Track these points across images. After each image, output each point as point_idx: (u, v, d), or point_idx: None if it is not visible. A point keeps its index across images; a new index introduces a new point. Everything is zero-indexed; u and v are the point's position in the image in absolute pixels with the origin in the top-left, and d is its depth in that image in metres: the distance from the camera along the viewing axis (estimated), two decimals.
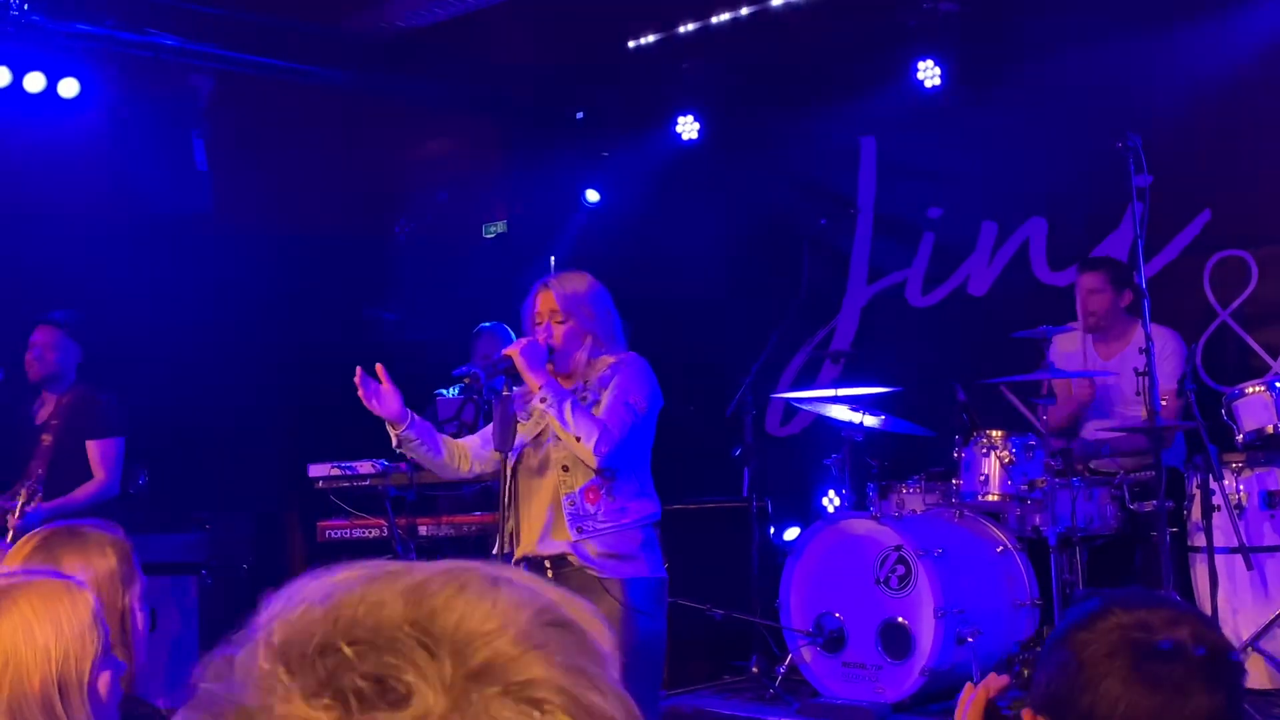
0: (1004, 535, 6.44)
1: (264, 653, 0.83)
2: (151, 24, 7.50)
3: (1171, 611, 1.75)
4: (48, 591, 2.29)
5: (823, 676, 6.40)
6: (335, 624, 0.82)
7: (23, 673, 2.20)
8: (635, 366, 4.42)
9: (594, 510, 4.28)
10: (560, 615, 0.86)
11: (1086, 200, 7.48)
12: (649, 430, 4.45)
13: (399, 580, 0.85)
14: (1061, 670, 1.76)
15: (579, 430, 4.21)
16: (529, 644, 0.82)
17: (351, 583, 0.86)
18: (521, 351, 4.30)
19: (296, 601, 0.85)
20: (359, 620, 0.82)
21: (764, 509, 7.42)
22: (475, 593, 0.84)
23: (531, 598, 0.86)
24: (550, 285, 4.44)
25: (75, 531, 2.93)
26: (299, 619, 0.84)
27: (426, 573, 0.86)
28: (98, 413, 6.60)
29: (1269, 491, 5.99)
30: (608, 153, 9.39)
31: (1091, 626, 1.76)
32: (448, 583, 0.85)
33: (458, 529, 6.68)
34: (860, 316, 8.56)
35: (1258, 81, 7.02)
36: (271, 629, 0.84)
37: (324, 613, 0.84)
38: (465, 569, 0.87)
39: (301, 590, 0.86)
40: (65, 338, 6.66)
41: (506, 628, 0.83)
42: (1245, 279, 7.14)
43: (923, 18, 7.74)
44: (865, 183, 8.55)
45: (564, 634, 0.85)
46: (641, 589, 4.26)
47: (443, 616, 0.82)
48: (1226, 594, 5.95)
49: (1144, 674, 1.70)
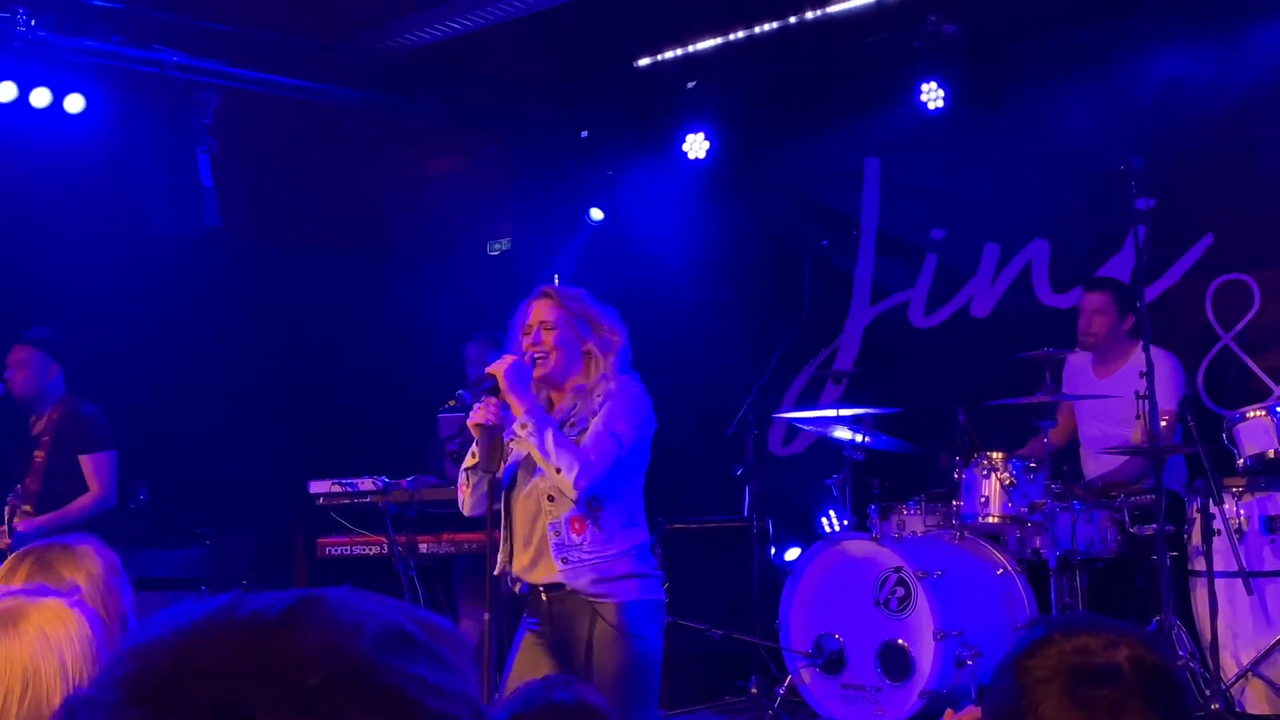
0: (1004, 557, 6.43)
1: (112, 686, 0.85)
2: (157, 40, 7.52)
3: (1111, 635, 1.78)
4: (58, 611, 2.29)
5: (822, 698, 6.39)
6: (178, 655, 0.85)
7: (43, 693, 2.19)
8: (627, 394, 4.29)
9: (579, 541, 4.18)
10: (404, 629, 0.88)
11: (1089, 223, 7.50)
12: (639, 458, 4.33)
13: (238, 610, 0.88)
14: (1005, 696, 1.80)
15: (559, 461, 4.11)
16: (370, 658, 0.84)
17: (194, 615, 0.88)
18: (505, 372, 4.22)
19: (145, 638, 0.87)
20: (201, 651, 0.85)
21: (765, 529, 7.41)
22: (315, 616, 0.87)
23: (373, 615, 0.88)
24: (547, 294, 4.36)
25: (66, 546, 2.93)
26: (147, 652, 0.86)
27: (266, 602, 0.88)
28: (86, 427, 6.63)
29: (1269, 516, 5.98)
30: (612, 171, 9.41)
31: (1033, 652, 1.80)
32: (285, 609, 0.87)
33: (458, 546, 6.67)
34: (863, 337, 8.56)
35: (1261, 105, 7.03)
36: (121, 664, 0.86)
37: (170, 644, 0.86)
38: (305, 595, 0.89)
39: (151, 627, 0.89)
40: (42, 355, 6.66)
41: (349, 644, 0.85)
42: (1247, 303, 7.14)
43: (926, 40, 7.76)
44: (869, 203, 8.56)
45: (409, 646, 0.87)
46: (636, 611, 4.21)
47: (284, 639, 0.85)
48: (1226, 619, 5.93)
49: (1079, 697, 1.73)
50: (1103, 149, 6.78)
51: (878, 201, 8.54)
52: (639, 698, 4.17)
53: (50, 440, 6.54)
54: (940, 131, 8.02)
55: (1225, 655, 5.90)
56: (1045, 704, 1.74)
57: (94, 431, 6.65)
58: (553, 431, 4.16)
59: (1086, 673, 1.75)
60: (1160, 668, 1.78)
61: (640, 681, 4.19)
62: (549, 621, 4.26)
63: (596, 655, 4.16)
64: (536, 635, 4.30)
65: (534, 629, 4.31)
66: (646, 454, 4.35)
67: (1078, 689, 1.74)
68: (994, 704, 1.84)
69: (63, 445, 6.55)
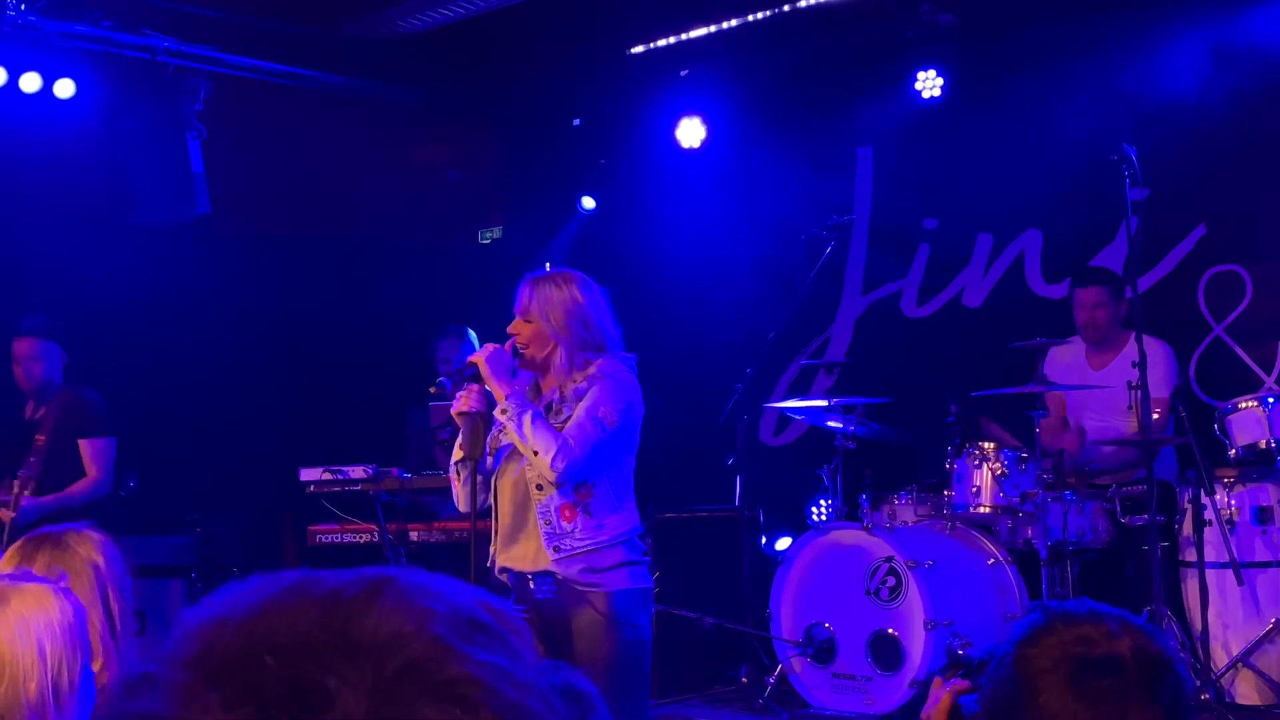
0: (995, 547, 6.43)
1: (182, 666, 0.83)
2: (148, 25, 7.49)
3: (1113, 625, 1.78)
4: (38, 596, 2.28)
5: (812, 687, 6.39)
6: (253, 634, 0.83)
7: (19, 678, 2.18)
8: (613, 379, 4.25)
9: (570, 528, 4.16)
10: (476, 615, 0.87)
11: (1082, 213, 7.49)
12: (626, 443, 4.30)
13: (315, 589, 0.86)
14: (1004, 685, 1.80)
15: (537, 444, 4.09)
16: (447, 644, 0.83)
17: (268, 593, 0.86)
18: (486, 359, 4.22)
19: (212, 615, 0.85)
20: (277, 629, 0.83)
21: (756, 518, 7.41)
22: (391, 597, 0.85)
23: (447, 599, 0.87)
24: (526, 283, 4.31)
25: (60, 534, 2.92)
26: (216, 632, 0.84)
27: (342, 581, 0.87)
28: (88, 413, 6.64)
29: (1261, 507, 5.99)
30: (604, 159, 9.39)
31: (1035, 641, 1.79)
32: (363, 589, 0.86)
33: (449, 535, 6.65)
34: (855, 326, 8.55)
35: (1254, 95, 7.03)
36: (189, 643, 0.84)
37: (240, 624, 0.84)
38: (380, 575, 0.88)
39: (217, 603, 0.86)
40: (44, 344, 6.66)
41: (423, 629, 0.83)
42: (1239, 294, 7.15)
43: (921, 29, 7.75)
44: (861, 193, 8.55)
45: (481, 633, 0.86)
46: (625, 600, 4.19)
47: (360, 622, 0.83)
48: (1217, 609, 5.94)
49: (1082, 688, 1.73)
50: (1095, 139, 6.77)
51: (871, 191, 8.53)
52: (630, 686, 4.15)
53: (52, 424, 6.52)
54: (934, 121, 8.01)
55: (1216, 646, 5.91)
56: (1046, 694, 1.73)
57: (96, 417, 6.67)
58: (531, 414, 4.14)
59: (1089, 663, 1.74)
60: (1162, 659, 1.77)
61: (631, 670, 4.18)
62: (537, 610, 4.24)
63: (587, 643, 4.15)
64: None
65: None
66: (635, 439, 4.32)
67: (1080, 680, 1.73)
68: (993, 692, 1.83)
69: (64, 429, 6.55)
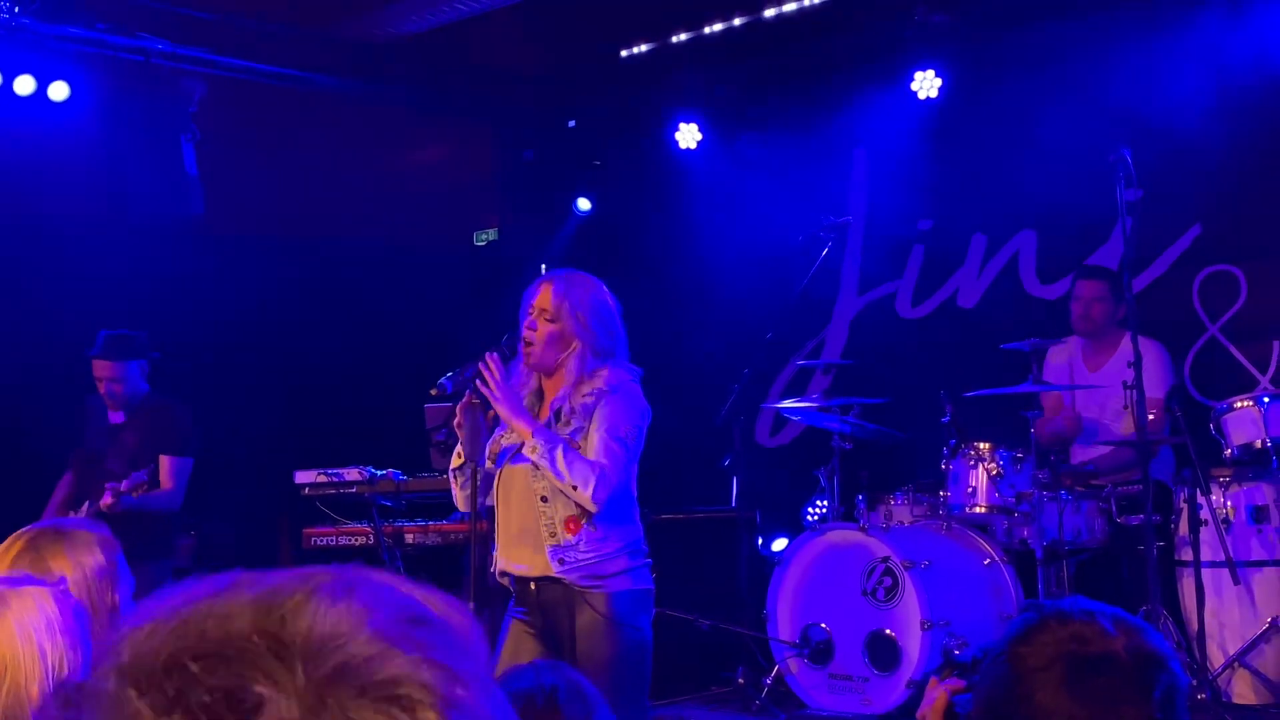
0: (991, 547, 6.44)
1: (113, 674, 0.81)
2: (142, 28, 7.49)
3: (1107, 623, 1.78)
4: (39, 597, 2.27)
5: (809, 688, 6.39)
6: (182, 639, 0.81)
7: (20, 680, 2.17)
8: (624, 394, 4.23)
9: (575, 540, 4.14)
10: (419, 612, 0.85)
11: (1076, 214, 7.49)
12: (637, 455, 4.30)
13: (247, 590, 0.84)
14: (999, 682, 1.80)
15: (575, 480, 4.06)
16: (386, 642, 0.81)
17: (198, 596, 0.84)
18: (499, 401, 4.18)
19: (144, 620, 0.83)
20: (206, 634, 0.81)
21: (752, 519, 7.41)
22: (326, 596, 0.83)
23: (387, 596, 0.85)
24: (554, 281, 4.27)
25: (62, 531, 2.92)
26: (146, 637, 0.82)
27: (276, 581, 0.84)
28: (178, 428, 6.50)
29: (1256, 506, 5.99)
30: (599, 161, 9.39)
31: (1029, 639, 1.79)
32: (297, 589, 0.83)
33: (445, 537, 6.65)
34: (850, 327, 8.56)
35: (1248, 96, 7.03)
36: (120, 650, 0.82)
37: (171, 629, 0.82)
38: (315, 574, 0.85)
39: (150, 608, 0.84)
40: (119, 365, 6.51)
41: (361, 628, 0.81)
42: (1234, 294, 7.16)
43: (915, 30, 7.75)
44: (856, 194, 8.55)
45: (424, 630, 0.83)
46: (625, 601, 4.18)
47: (292, 623, 0.81)
48: (1213, 608, 5.94)
49: (1076, 686, 1.73)
50: (1090, 140, 6.77)
51: (866, 191, 8.53)
52: (629, 687, 4.15)
53: (142, 430, 6.43)
54: (928, 122, 8.02)
55: (1212, 645, 5.91)
56: (1041, 692, 1.73)
57: (186, 435, 6.53)
58: (563, 449, 4.09)
59: (1083, 661, 1.74)
60: (1156, 656, 1.77)
61: (631, 671, 4.17)
62: (537, 611, 4.23)
63: (587, 644, 4.13)
64: (525, 624, 4.27)
65: (521, 618, 4.28)
66: (641, 447, 4.32)
67: (1074, 678, 1.73)
68: (988, 691, 1.83)
69: (149, 438, 6.44)
